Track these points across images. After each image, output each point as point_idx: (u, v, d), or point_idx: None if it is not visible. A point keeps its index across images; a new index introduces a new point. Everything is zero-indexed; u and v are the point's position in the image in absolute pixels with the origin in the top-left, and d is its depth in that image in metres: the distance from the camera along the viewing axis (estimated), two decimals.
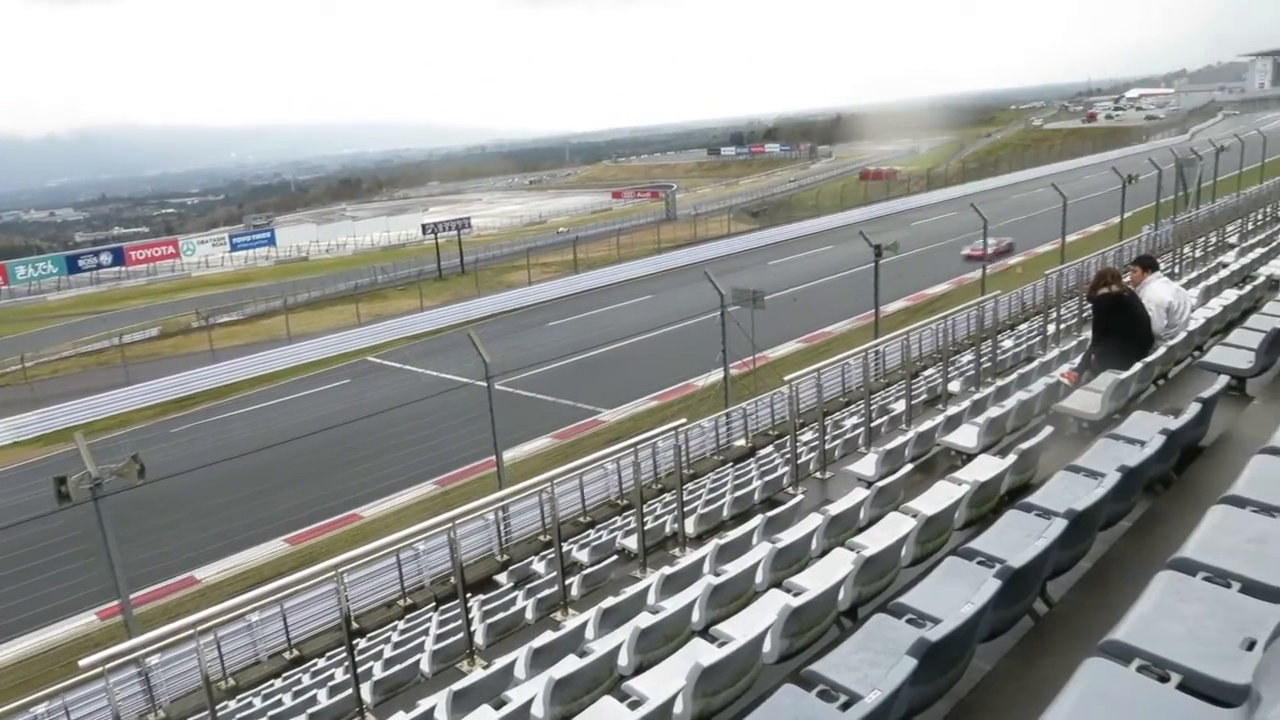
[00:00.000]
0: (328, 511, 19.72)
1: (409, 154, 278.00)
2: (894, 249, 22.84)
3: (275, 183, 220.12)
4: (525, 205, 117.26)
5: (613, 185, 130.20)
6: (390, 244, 76.14)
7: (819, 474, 10.21)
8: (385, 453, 21.18)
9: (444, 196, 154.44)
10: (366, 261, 59.31)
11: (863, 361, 11.56)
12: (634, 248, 52.43)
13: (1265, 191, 27.72)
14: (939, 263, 36.83)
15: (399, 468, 20.49)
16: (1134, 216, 32.23)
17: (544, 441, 23.07)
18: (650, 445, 14.95)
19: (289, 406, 28.22)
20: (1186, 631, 3.04)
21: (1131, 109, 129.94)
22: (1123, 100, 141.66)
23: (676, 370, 26.09)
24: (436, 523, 7.44)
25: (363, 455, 21.48)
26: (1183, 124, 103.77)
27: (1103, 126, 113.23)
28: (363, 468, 20.82)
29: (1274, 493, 3.90)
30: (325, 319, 41.32)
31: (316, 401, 28.34)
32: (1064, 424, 7.74)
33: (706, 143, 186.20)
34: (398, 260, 56.38)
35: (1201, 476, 5.40)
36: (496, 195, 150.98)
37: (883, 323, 24.20)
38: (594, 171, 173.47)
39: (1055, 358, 11.77)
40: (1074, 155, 78.71)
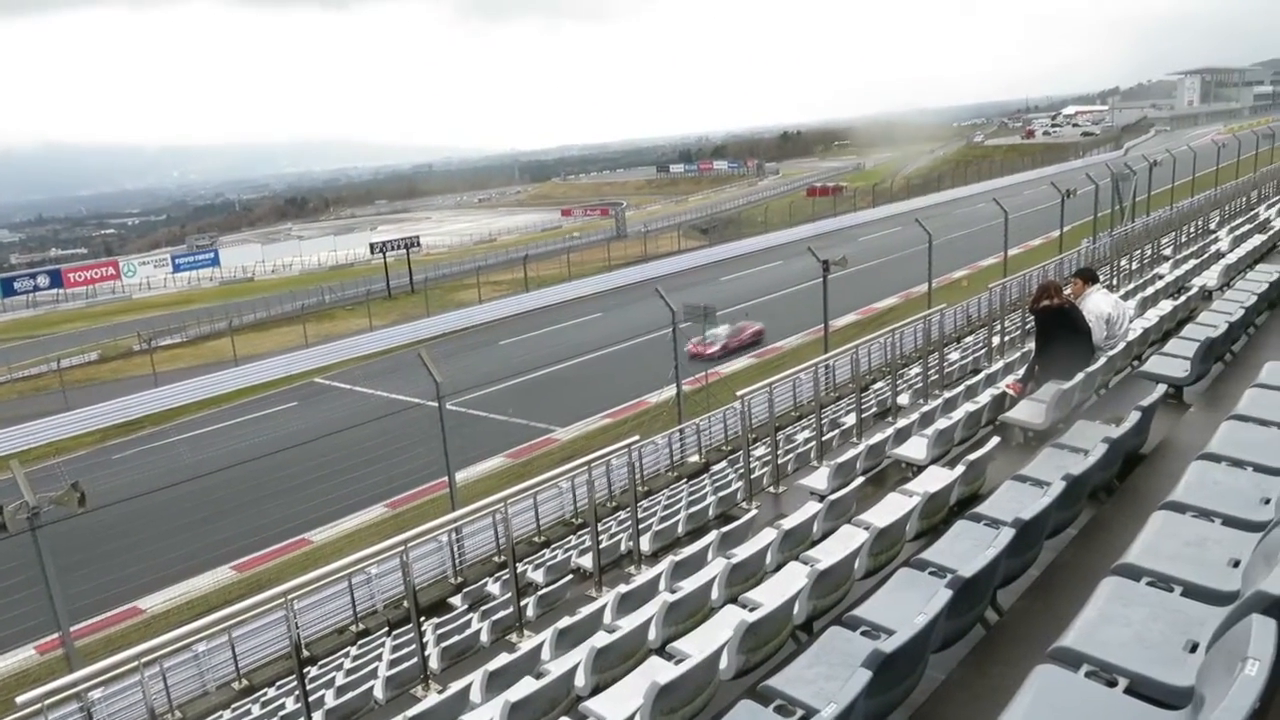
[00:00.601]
0: (276, 537, 19.34)
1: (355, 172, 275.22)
2: (842, 264, 23.12)
3: (219, 202, 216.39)
4: (474, 223, 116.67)
5: (562, 203, 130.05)
6: (338, 263, 75.21)
7: (772, 488, 10.26)
8: (335, 476, 20.86)
9: (392, 215, 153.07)
10: (313, 281, 58.54)
11: (813, 376, 11.66)
12: (585, 265, 52.44)
13: (1197, 205, 28.64)
14: (887, 277, 37.38)
15: (349, 491, 20.19)
16: (1073, 230, 33.02)
17: (497, 461, 22.91)
18: (604, 463, 14.90)
19: (235, 430, 27.68)
20: (1132, 636, 3.11)
21: (1068, 125, 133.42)
22: (1059, 117, 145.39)
23: (629, 387, 26.10)
24: (388, 546, 7.34)
25: (312, 479, 21.13)
26: (1117, 140, 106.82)
27: (1041, 143, 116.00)
28: (312, 491, 20.49)
29: (1212, 498, 4.02)
30: (272, 340, 40.64)
31: (264, 425, 27.83)
32: (1010, 434, 7.88)
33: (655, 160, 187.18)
34: (345, 280, 55.73)
35: (1143, 483, 5.53)
36: (445, 214, 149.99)
37: (832, 337, 24.47)
38: (543, 189, 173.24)
39: (1000, 369, 11.99)
40: (1014, 171, 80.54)
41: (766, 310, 35.15)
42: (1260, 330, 9.21)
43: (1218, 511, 3.87)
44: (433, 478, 19.46)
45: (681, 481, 16.44)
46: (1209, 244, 18.12)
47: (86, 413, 29.87)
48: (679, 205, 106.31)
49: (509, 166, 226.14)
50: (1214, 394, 7.22)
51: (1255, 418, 4.95)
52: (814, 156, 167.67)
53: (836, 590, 5.08)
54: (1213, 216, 25.61)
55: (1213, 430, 4.87)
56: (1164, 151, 37.04)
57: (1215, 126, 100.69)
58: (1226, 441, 4.66)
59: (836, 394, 20.43)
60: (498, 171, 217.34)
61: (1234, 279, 11.86)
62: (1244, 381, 5.87)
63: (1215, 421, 5.06)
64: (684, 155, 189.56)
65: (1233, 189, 30.58)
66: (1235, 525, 3.79)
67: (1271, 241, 14.52)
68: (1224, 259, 13.59)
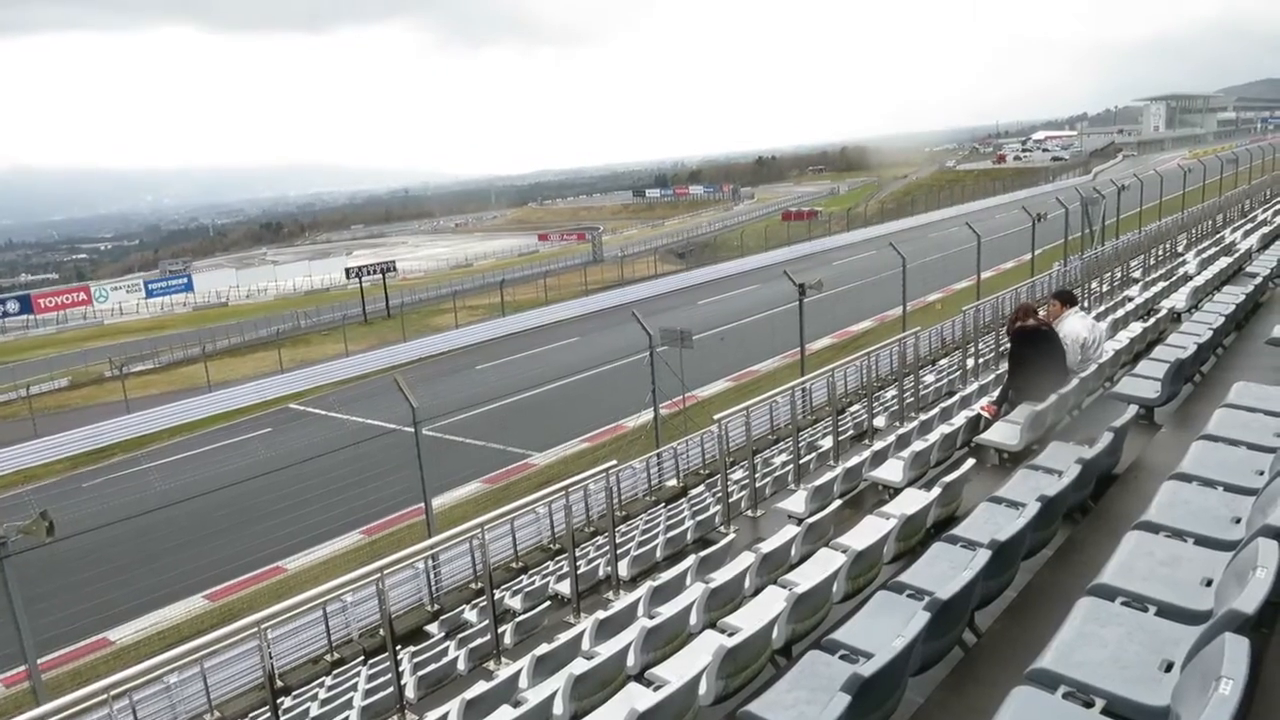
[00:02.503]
0: (249, 565, 19.09)
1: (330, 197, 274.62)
2: (818, 287, 23.27)
3: (192, 227, 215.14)
4: (451, 248, 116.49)
5: (539, 227, 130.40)
6: (313, 288, 74.84)
7: (750, 512, 10.26)
8: (310, 503, 20.65)
9: (368, 240, 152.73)
10: (289, 306, 58.19)
11: (790, 399, 11.70)
12: (561, 289, 52.48)
13: (1164, 228, 29.08)
14: (862, 300, 37.65)
15: (324, 518, 19.98)
16: (1044, 253, 33.48)
17: (474, 487, 22.77)
18: (581, 488, 14.83)
19: (208, 457, 27.36)
20: (1108, 656, 3.12)
21: (1038, 150, 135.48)
22: (1029, 142, 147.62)
23: (607, 411, 26.06)
24: (364, 573, 7.26)
25: (286, 506, 20.89)
26: (1086, 164, 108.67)
27: (1012, 167, 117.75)
28: (286, 519, 20.25)
29: (1183, 517, 4.06)
30: (246, 366, 40.29)
31: (237, 451, 27.53)
32: (985, 456, 7.93)
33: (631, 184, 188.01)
34: (321, 305, 55.45)
35: (1116, 503, 5.58)
36: (421, 238, 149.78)
37: (809, 360, 24.58)
38: (519, 214, 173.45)
39: (975, 391, 12.08)
40: (986, 195, 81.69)
41: (743, 334, 35.28)
42: (1228, 351, 9.35)
43: (1190, 531, 3.91)
44: (409, 504, 19.29)
45: (659, 506, 16.40)
46: (1177, 267, 18.40)
47: (56, 440, 29.43)
48: (655, 230, 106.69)
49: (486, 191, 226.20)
50: (1184, 414, 7.30)
51: (1225, 438, 5.02)
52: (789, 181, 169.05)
53: (815, 614, 5.07)
54: (1180, 240, 26.02)
55: (1184, 450, 4.93)
56: (1131, 176, 37.71)
57: (1180, 152, 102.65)
58: (1197, 461, 4.72)
59: (813, 417, 20.48)
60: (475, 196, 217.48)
61: (1202, 301, 12.06)
62: (1214, 402, 5.95)
63: (1186, 442, 5.12)
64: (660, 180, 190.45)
65: (1199, 212, 31.12)
66: (1207, 544, 3.83)
67: (1238, 264, 14.76)
68: (1192, 281, 13.80)
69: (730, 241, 70.46)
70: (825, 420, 18.11)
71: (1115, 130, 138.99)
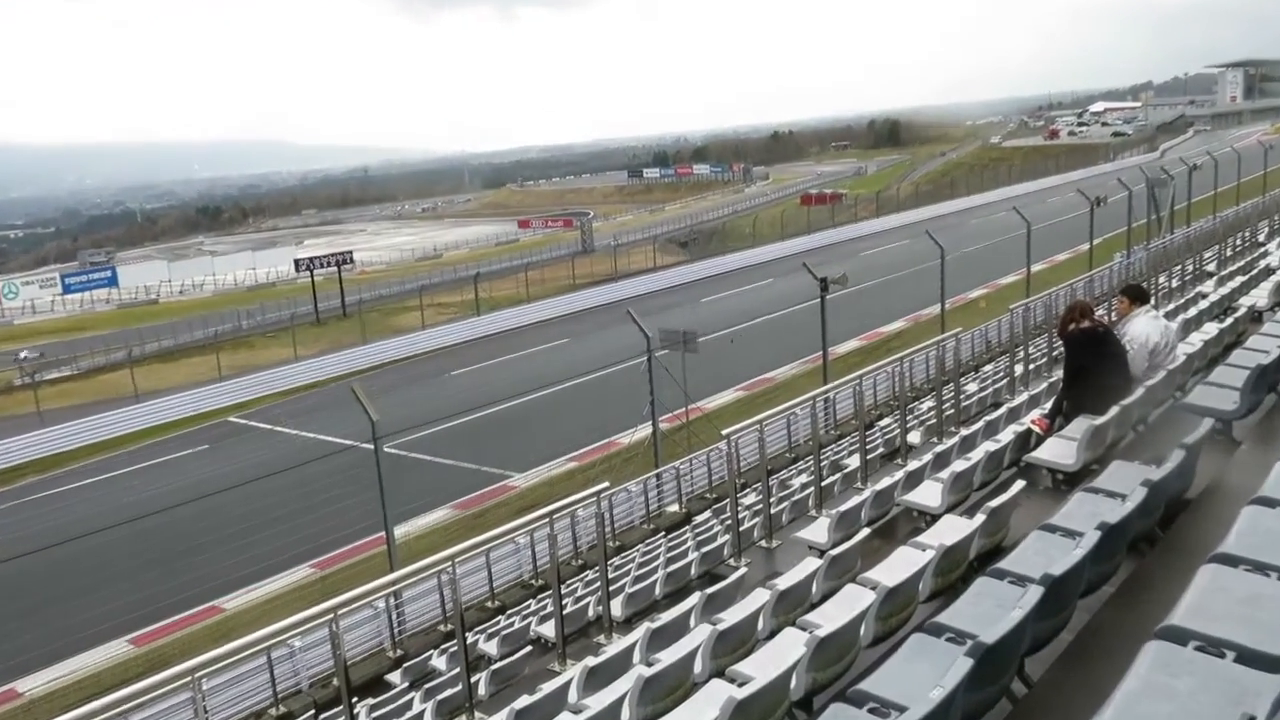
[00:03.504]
0: (182, 604, 19.03)
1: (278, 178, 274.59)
2: (842, 282, 23.29)
3: (117, 212, 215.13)
4: (417, 236, 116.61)
5: (519, 213, 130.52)
6: (257, 283, 74.82)
7: (764, 542, 10.25)
8: (252, 531, 20.60)
9: (321, 227, 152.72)
10: (229, 304, 58.11)
11: (811, 411, 11.70)
12: (545, 284, 52.46)
13: (1242, 214, 29.12)
14: (893, 297, 37.70)
15: (269, 549, 19.94)
16: (1104, 243, 33.49)
17: (443, 513, 22.74)
18: (568, 514, 14.83)
19: (135, 478, 27.30)
20: (1179, 710, 3.11)
21: (1096, 124, 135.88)
22: (1086, 115, 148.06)
23: (598, 425, 26.04)
24: (315, 614, 7.24)
25: (225, 535, 20.85)
26: (1151, 140, 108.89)
27: (1066, 144, 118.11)
28: (225, 550, 20.21)
29: (1267, 548, 4.05)
30: (180, 373, 40.19)
31: (169, 471, 27.48)
32: (1036, 477, 7.92)
33: (626, 164, 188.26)
34: (266, 302, 55.36)
35: (1189, 532, 5.57)
36: (383, 225, 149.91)
37: (832, 366, 24.60)
38: (497, 197, 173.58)
39: (1024, 402, 12.09)
40: (1036, 175, 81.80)
41: (756, 336, 35.30)
42: None
43: (1275, 565, 3.90)
44: (368, 533, 19.26)
45: (659, 535, 16.40)
46: (1257, 258, 18.43)
47: None
48: (654, 215, 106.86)
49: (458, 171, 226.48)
50: (1267, 429, 7.30)
51: None
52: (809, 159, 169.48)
53: (840, 660, 5.06)
54: (1261, 227, 26.07)
55: (1267, 471, 4.92)
56: (1204, 154, 37.76)
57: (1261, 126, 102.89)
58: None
59: (838, 432, 20.51)
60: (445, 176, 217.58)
61: None
62: None
63: (1270, 461, 5.11)
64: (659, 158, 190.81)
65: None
66: None
67: None
68: (1275, 275, 13.82)
69: (741, 229, 70.60)
70: (851, 436, 18.12)
71: (1185, 101, 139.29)
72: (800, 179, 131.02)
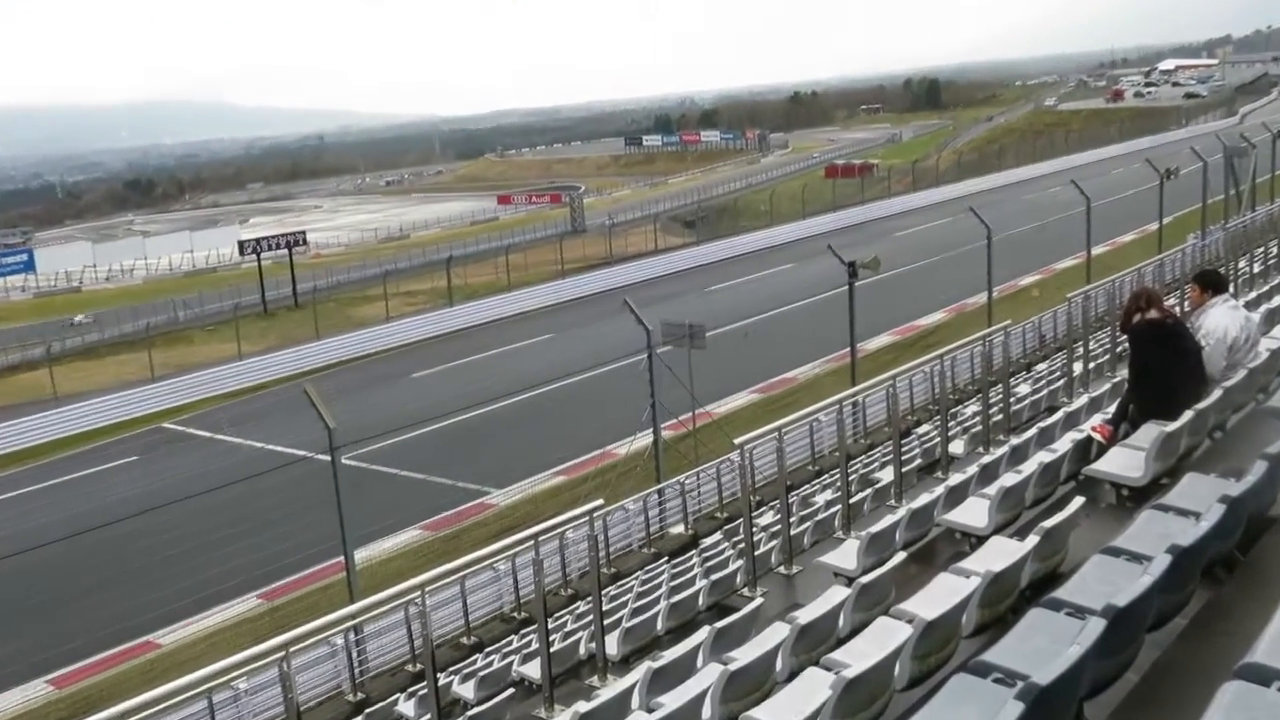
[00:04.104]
0: (110, 639, 19.04)
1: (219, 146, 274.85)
2: (874, 267, 23.33)
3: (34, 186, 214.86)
4: (380, 214, 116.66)
5: (499, 186, 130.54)
6: (196, 268, 74.83)
7: (783, 569, 10.26)
8: (190, 556, 20.61)
9: (270, 203, 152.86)
10: (163, 293, 58.14)
11: (837, 417, 11.69)
12: (529, 270, 52.42)
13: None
14: (932, 284, 37.72)
15: (210, 575, 19.94)
16: (1175, 222, 33.55)
17: (411, 534, 22.73)
18: (556, 537, 14.82)
19: (54, 493, 27.29)
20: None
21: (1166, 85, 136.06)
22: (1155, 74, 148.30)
23: (590, 433, 26.04)
24: (263, 651, 7.25)
25: (159, 560, 20.85)
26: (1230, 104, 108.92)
27: (1131, 107, 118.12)
28: (159, 577, 20.21)
29: None
30: (106, 372, 40.23)
31: (94, 486, 27.47)
32: (1098, 493, 7.93)
33: (623, 130, 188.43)
34: (206, 290, 55.35)
35: (1272, 556, 5.58)
36: (341, 201, 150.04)
37: (862, 364, 24.60)
38: (472, 169, 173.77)
39: (1084, 407, 12.09)
40: (1097, 143, 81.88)
41: (773, 329, 35.32)
42: None
43: None
44: (324, 557, 19.25)
45: (661, 561, 16.39)
46: None
47: None
48: (655, 190, 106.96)
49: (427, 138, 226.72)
50: None
51: None
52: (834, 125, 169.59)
53: (871, 705, 5.07)
54: None
55: None
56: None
57: None
58: None
59: (868, 441, 20.50)
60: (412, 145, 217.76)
61: None
62: None
63: None
64: (661, 124, 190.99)
65: None
66: None
67: None
68: None
69: (756, 205, 70.56)
70: (884, 446, 18.12)
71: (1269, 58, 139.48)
72: (824, 147, 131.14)
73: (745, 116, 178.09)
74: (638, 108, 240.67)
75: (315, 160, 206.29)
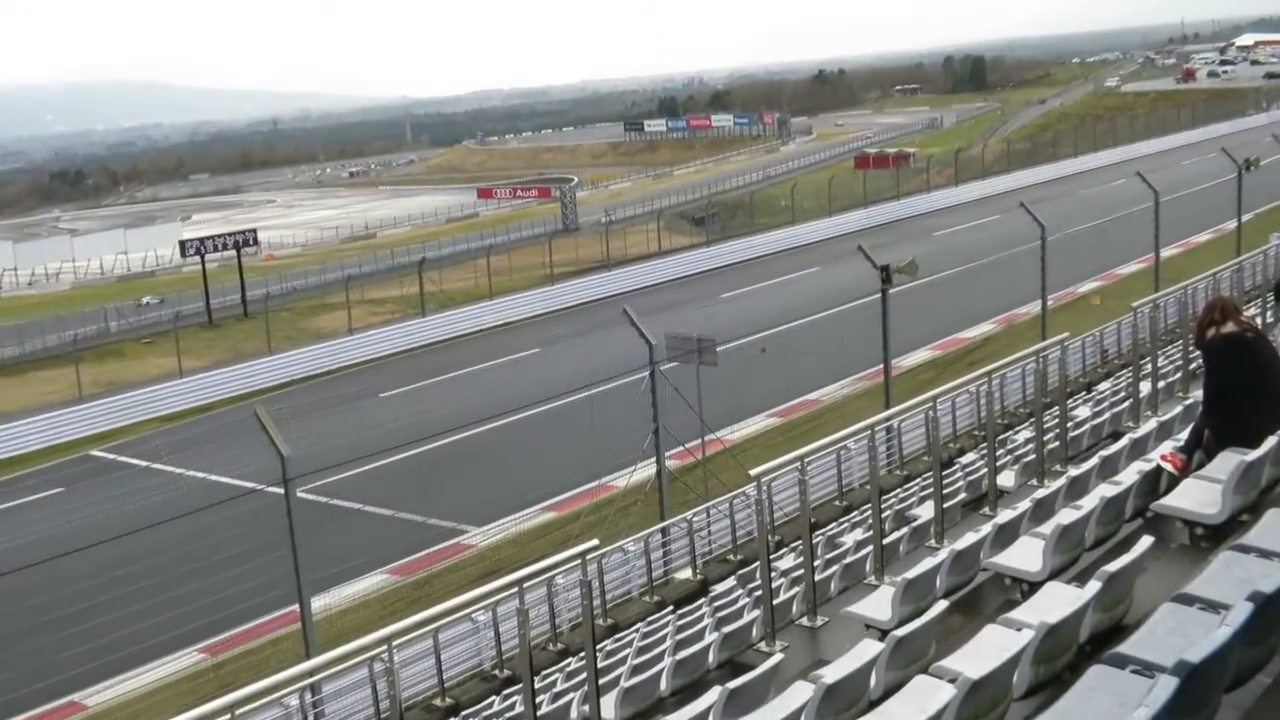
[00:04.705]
0: (29, 699, 19.03)
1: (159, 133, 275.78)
2: (910, 271, 23.31)
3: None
4: (343, 209, 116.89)
5: (479, 178, 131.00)
6: (131, 271, 74.93)
7: (806, 620, 10.26)
8: (123, 602, 20.52)
9: (216, 198, 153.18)
10: (94, 299, 58.17)
11: (869, 445, 11.69)
12: (513, 275, 52.45)
13: None
14: (978, 291, 37.74)
15: (145, 626, 19.87)
16: (1255, 220, 33.58)
17: (377, 580, 22.72)
18: (544, 583, 14.80)
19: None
20: None
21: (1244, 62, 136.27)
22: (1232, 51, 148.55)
23: (583, 463, 26.03)
24: (206, 713, 7.23)
25: (86, 607, 20.76)
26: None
27: (1205, 88, 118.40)
28: (86, 627, 20.14)
29: None
30: (24, 391, 40.23)
31: (10, 521, 27.40)
32: (1169, 532, 7.93)
33: (622, 113, 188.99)
34: (144, 296, 55.39)
35: None
36: (298, 195, 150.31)
37: (898, 383, 24.57)
38: (449, 157, 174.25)
39: (1153, 432, 12.10)
40: (1166, 130, 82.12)
41: (795, 343, 35.33)
42: None
43: None
44: (276, 606, 19.22)
45: (665, 610, 16.37)
46: None
47: None
48: (658, 182, 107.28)
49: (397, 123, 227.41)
50: None
51: None
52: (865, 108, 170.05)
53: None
54: None
55: None
56: None
57: None
58: None
59: (904, 473, 20.49)
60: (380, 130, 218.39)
61: None
62: None
63: None
64: (666, 106, 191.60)
65: None
66: None
67: None
68: None
69: (775, 200, 70.59)
70: (923, 478, 18.10)
71: None
72: (853, 134, 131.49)
73: (762, 98, 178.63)
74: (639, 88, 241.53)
75: (268, 148, 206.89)
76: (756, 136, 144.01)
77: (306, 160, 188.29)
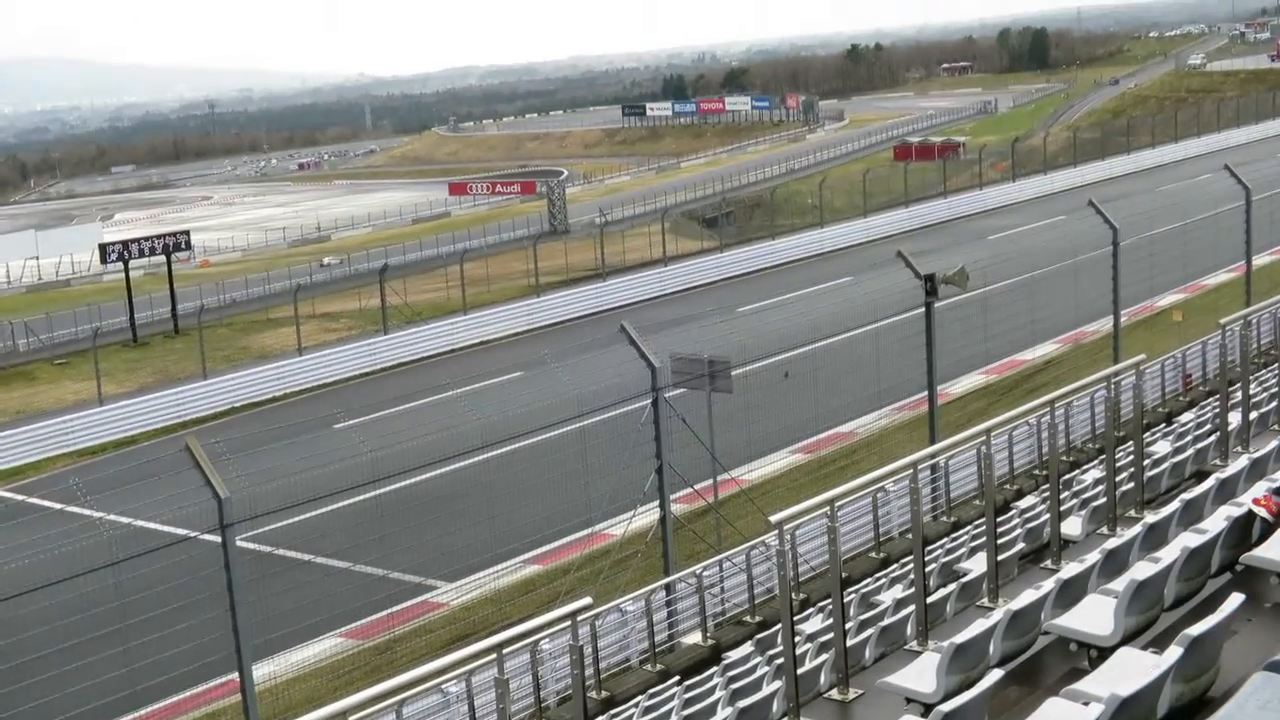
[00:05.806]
0: None
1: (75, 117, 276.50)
2: (959, 282, 23.36)
3: None
4: (291, 207, 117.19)
5: (451, 171, 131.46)
6: (43, 280, 75.07)
7: (837, 692, 10.29)
8: (31, 669, 20.57)
9: (143, 193, 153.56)
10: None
11: (911, 486, 11.73)
12: (492, 285, 52.54)
13: None
14: (1039, 305, 37.79)
15: (57, 699, 19.91)
16: None
17: (331, 644, 22.74)
18: (528, 648, 14.81)
19: None
20: None
21: None
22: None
23: (573, 507, 26.05)
24: None
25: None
26: None
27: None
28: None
29: None
30: None
31: None
32: (1263, 588, 7.96)
33: (619, 95, 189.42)
34: (56, 310, 55.51)
35: None
36: (238, 191, 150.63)
37: (945, 413, 24.62)
38: (416, 147, 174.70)
39: (1244, 471, 12.13)
40: (1259, 116, 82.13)
41: (824, 366, 35.37)
42: None
43: None
44: (212, 674, 19.24)
45: (670, 681, 16.37)
46: None
47: None
48: (662, 176, 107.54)
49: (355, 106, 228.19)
50: None
51: None
52: (906, 89, 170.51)
53: None
54: None
55: None
56: None
57: None
58: None
59: (953, 520, 20.51)
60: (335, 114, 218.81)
61: None
62: None
63: None
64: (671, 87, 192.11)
65: None
66: None
67: None
68: None
69: (799, 198, 70.80)
70: (974, 525, 18.12)
71: None
72: (892, 119, 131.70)
73: (785, 77, 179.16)
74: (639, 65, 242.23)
75: (203, 136, 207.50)
76: (778, 123, 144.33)
77: (248, 150, 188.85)
